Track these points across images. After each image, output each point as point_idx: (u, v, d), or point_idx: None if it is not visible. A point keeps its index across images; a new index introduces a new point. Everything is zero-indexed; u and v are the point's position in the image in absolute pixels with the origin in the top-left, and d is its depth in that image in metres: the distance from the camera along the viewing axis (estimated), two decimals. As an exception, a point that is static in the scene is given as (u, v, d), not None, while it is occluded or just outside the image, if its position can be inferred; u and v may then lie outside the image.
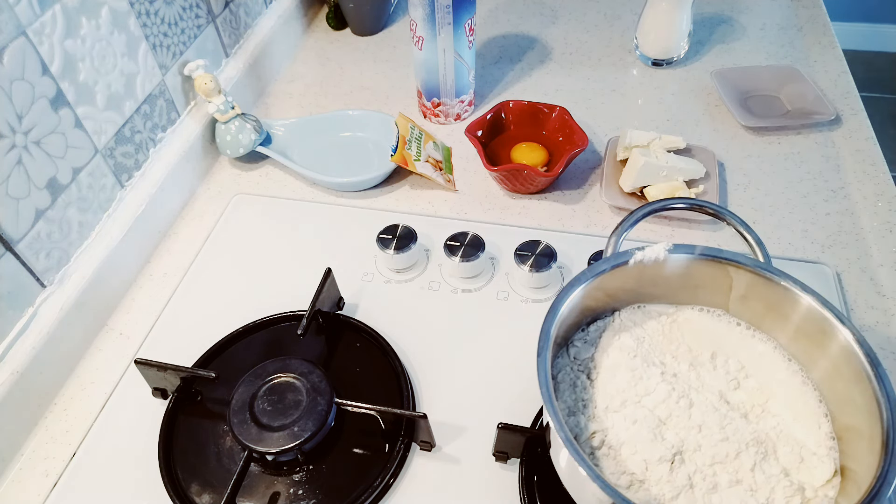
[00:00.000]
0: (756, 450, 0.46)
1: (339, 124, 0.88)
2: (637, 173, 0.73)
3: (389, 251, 0.68)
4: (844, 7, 2.44)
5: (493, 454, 0.56)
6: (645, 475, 0.45)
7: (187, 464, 0.57)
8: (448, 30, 0.79)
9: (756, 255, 0.51)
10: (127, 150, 0.71)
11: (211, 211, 0.80)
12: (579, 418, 0.48)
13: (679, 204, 0.54)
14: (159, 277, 0.73)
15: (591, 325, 0.54)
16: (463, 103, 0.88)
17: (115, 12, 0.66)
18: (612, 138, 0.82)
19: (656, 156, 0.74)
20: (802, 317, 0.49)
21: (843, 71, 0.93)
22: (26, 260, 0.60)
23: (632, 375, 0.49)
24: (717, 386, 0.50)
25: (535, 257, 0.66)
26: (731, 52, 0.98)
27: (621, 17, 1.06)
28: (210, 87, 0.78)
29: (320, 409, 0.55)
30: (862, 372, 0.44)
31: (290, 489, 0.55)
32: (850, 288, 0.68)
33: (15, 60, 0.56)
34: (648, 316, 0.54)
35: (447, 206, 0.78)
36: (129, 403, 0.62)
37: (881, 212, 0.74)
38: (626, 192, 0.75)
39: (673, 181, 0.74)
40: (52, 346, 0.61)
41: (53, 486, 0.57)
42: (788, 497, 0.44)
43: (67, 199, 0.64)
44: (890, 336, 0.64)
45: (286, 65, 1.01)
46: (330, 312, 0.66)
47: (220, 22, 0.85)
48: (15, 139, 0.57)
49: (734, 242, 0.56)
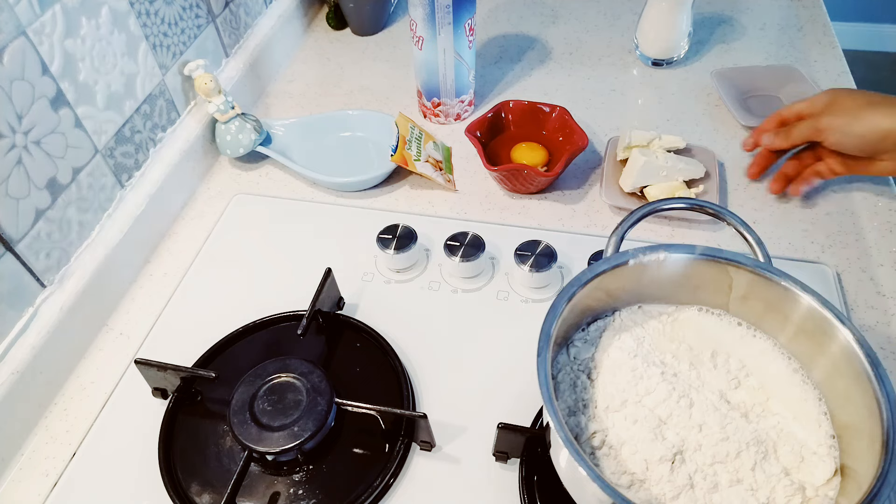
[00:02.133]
0: (756, 449, 0.46)
1: (339, 124, 0.88)
2: (637, 173, 0.73)
3: (389, 251, 0.68)
4: (844, 7, 2.44)
5: (493, 454, 0.56)
6: (645, 475, 0.45)
7: (187, 464, 0.57)
8: (448, 30, 0.79)
9: (756, 255, 0.51)
10: (127, 149, 0.71)
11: (211, 211, 0.80)
12: (579, 418, 0.48)
13: (679, 204, 0.54)
14: (159, 277, 0.73)
15: (591, 325, 0.54)
16: (463, 103, 0.88)
17: (115, 12, 0.66)
18: (613, 138, 0.82)
19: (656, 156, 0.74)
20: (802, 317, 0.49)
21: (843, 71, 0.93)
22: (26, 260, 0.60)
23: (632, 375, 0.49)
24: (717, 385, 0.50)
25: (535, 257, 0.66)
26: (731, 52, 0.98)
27: (621, 17, 1.06)
28: (210, 86, 0.78)
29: (320, 409, 0.55)
30: (862, 372, 0.44)
31: (290, 489, 0.55)
32: (850, 288, 0.68)
33: (15, 60, 0.56)
34: (649, 315, 0.54)
35: (447, 206, 0.78)
36: (129, 403, 0.62)
37: (881, 212, 0.74)
38: (626, 192, 0.75)
39: (673, 181, 0.74)
40: (52, 346, 0.61)
41: (54, 486, 0.57)
42: (789, 496, 0.44)
43: (67, 199, 0.64)
44: (890, 336, 0.64)
45: (286, 65, 1.01)
46: (330, 312, 0.66)
47: (220, 22, 0.85)
48: (15, 139, 0.57)
49: (734, 242, 0.56)
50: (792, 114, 0.72)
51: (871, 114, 0.65)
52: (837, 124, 0.67)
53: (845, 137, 0.66)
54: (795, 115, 0.72)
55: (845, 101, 0.67)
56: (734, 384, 0.50)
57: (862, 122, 0.65)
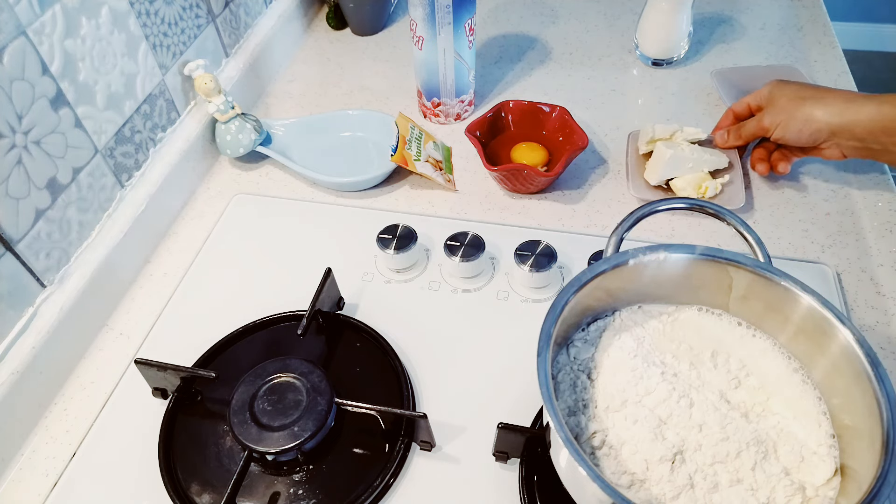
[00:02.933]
0: (757, 449, 0.46)
1: (339, 124, 0.88)
2: (664, 166, 0.74)
3: (389, 251, 0.68)
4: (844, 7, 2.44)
5: (493, 454, 0.56)
6: (646, 475, 0.45)
7: (187, 464, 0.57)
8: (448, 30, 0.79)
9: (756, 255, 0.51)
10: (127, 149, 0.71)
11: (211, 211, 0.80)
12: (579, 418, 0.48)
13: (679, 204, 0.54)
14: (159, 277, 0.73)
15: (592, 325, 0.54)
16: (463, 103, 0.88)
17: (115, 12, 0.66)
18: (633, 132, 0.82)
19: (682, 148, 0.75)
20: (802, 317, 0.49)
21: (843, 71, 0.93)
22: (26, 260, 0.60)
23: (632, 375, 0.49)
24: (717, 385, 0.50)
25: (535, 257, 0.66)
26: (731, 52, 0.98)
27: (621, 17, 1.06)
28: (210, 86, 0.78)
29: (320, 409, 0.55)
30: (862, 372, 0.44)
31: (290, 489, 0.55)
32: (850, 288, 0.68)
33: (15, 60, 0.56)
34: (649, 315, 0.54)
35: (447, 206, 0.78)
36: (130, 403, 0.62)
37: (881, 212, 0.74)
38: (652, 186, 0.76)
39: (699, 172, 0.74)
40: (52, 346, 0.61)
41: (54, 486, 0.57)
42: (789, 496, 0.44)
43: (67, 199, 0.64)
44: (890, 336, 0.64)
45: (286, 65, 1.01)
46: (330, 312, 0.66)
47: (220, 22, 0.85)
48: (15, 139, 0.57)
49: (734, 242, 0.56)
50: (742, 107, 0.77)
51: (803, 110, 0.69)
52: (777, 122, 0.71)
53: (786, 133, 0.71)
54: (745, 108, 0.76)
55: (780, 99, 0.71)
56: (734, 384, 0.50)
57: (796, 119, 0.69)
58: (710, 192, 0.74)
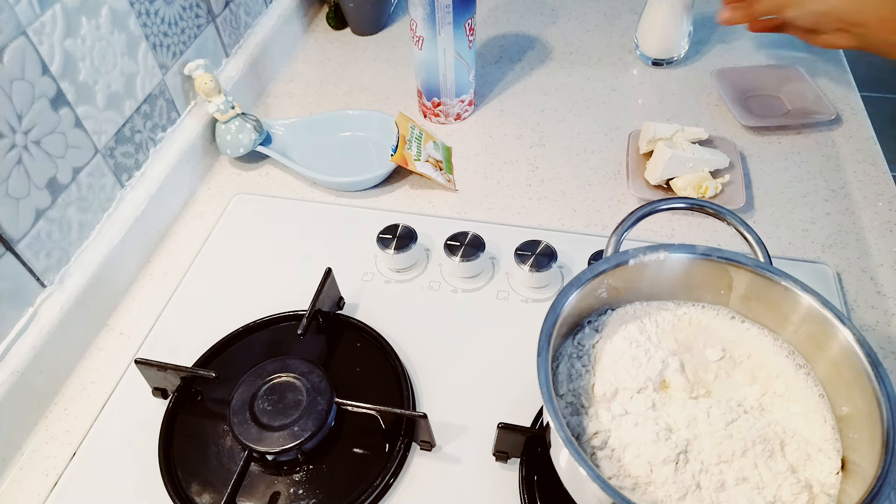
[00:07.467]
0: (762, 447, 0.46)
1: (339, 124, 0.88)
2: (664, 165, 0.74)
3: (389, 251, 0.68)
4: (844, 7, 2.43)
5: (493, 454, 0.56)
6: (650, 478, 0.45)
7: (187, 464, 0.57)
8: (448, 29, 0.79)
9: (756, 255, 0.51)
10: (127, 149, 0.71)
11: (211, 211, 0.80)
12: (580, 418, 0.48)
13: (679, 204, 0.54)
14: (159, 277, 0.73)
15: (592, 325, 0.54)
16: (463, 103, 0.88)
17: (115, 12, 0.66)
18: (633, 132, 0.82)
19: (682, 147, 0.75)
20: (803, 317, 0.49)
21: (844, 71, 0.93)
22: (26, 260, 0.60)
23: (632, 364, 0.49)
24: (721, 383, 0.50)
25: (535, 257, 0.66)
26: (731, 52, 0.98)
27: (621, 17, 1.06)
28: (210, 86, 0.78)
29: (320, 409, 0.55)
30: (862, 372, 0.44)
31: (290, 489, 0.55)
32: (850, 288, 0.68)
33: (15, 60, 0.56)
34: (651, 314, 0.54)
35: (447, 206, 0.78)
36: (130, 403, 0.62)
37: (881, 212, 0.74)
38: (652, 185, 0.76)
39: (699, 172, 0.74)
40: (52, 345, 0.61)
41: (54, 486, 0.57)
42: (795, 494, 0.44)
43: (67, 199, 0.64)
44: (890, 336, 0.64)
45: (286, 64, 1.01)
46: (330, 312, 0.66)
47: (220, 21, 0.85)
48: (15, 139, 0.57)
49: (734, 242, 0.56)
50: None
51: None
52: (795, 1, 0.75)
53: (800, 11, 0.74)
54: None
55: None
56: (739, 382, 0.50)
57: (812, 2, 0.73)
58: (711, 192, 0.74)
